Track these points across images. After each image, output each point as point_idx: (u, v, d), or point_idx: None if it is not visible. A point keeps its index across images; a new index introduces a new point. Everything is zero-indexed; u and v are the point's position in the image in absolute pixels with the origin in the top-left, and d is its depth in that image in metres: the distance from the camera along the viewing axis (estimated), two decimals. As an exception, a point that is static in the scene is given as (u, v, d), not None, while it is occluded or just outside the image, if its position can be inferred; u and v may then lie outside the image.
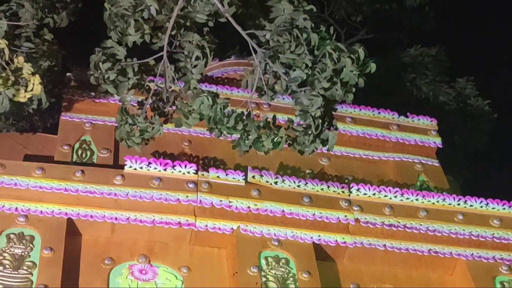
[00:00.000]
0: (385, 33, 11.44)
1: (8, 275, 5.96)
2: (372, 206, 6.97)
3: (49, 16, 6.84)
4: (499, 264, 6.87)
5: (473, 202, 7.14)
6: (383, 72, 8.42)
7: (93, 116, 7.48)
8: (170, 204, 6.65)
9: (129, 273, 6.41)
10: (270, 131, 5.90)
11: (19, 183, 6.51)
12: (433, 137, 8.12)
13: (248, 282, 6.28)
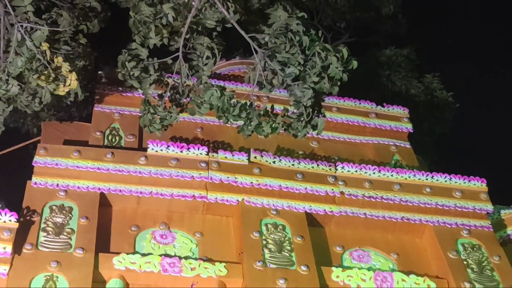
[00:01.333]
0: (365, 36, 11.43)
1: (51, 239, 5.96)
2: (354, 181, 6.94)
3: (83, 23, 6.82)
4: (460, 229, 6.85)
5: (439, 177, 7.11)
6: (363, 69, 8.35)
7: (120, 107, 7.46)
8: (186, 180, 6.63)
9: (152, 238, 6.40)
10: (269, 118, 5.90)
11: (59, 163, 6.49)
12: (405, 123, 8.10)
13: (252, 245, 6.27)
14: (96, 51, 7.13)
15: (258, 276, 6.02)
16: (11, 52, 5.75)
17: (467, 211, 6.99)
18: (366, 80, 10.26)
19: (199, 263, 6.09)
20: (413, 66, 11.43)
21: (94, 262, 5.88)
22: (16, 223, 5.81)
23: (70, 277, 5.69)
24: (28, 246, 5.85)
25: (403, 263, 6.68)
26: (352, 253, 6.70)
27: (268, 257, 6.20)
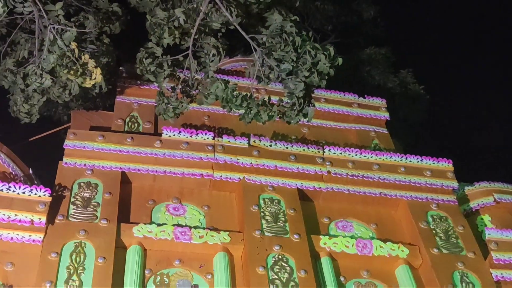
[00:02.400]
0: (348, 37, 11.40)
1: (80, 211, 5.97)
2: (339, 161, 6.92)
3: (106, 26, 6.83)
4: (430, 203, 6.87)
5: (411, 158, 7.11)
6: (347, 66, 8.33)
7: (139, 98, 7.43)
8: (195, 161, 6.61)
9: (166, 210, 6.40)
10: (266, 108, 5.91)
11: (86, 146, 6.47)
12: (383, 112, 8.08)
13: (251, 216, 6.27)
14: (117, 50, 7.12)
15: (257, 243, 6.02)
16: (45, 50, 5.73)
17: (435, 188, 6.99)
18: (349, 75, 10.26)
19: (206, 231, 6.09)
20: (390, 63, 11.44)
21: (117, 231, 5.88)
22: (49, 198, 5.80)
23: (96, 243, 5.70)
24: (60, 217, 5.85)
25: (381, 232, 6.69)
26: (337, 224, 6.69)
27: (265, 227, 6.20)
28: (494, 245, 6.42)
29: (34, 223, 5.67)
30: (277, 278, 5.76)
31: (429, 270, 6.23)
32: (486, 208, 7.24)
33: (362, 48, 11.39)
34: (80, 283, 5.38)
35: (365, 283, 6.19)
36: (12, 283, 5.38)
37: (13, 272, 5.48)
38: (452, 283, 6.09)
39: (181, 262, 5.94)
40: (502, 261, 6.36)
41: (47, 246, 5.60)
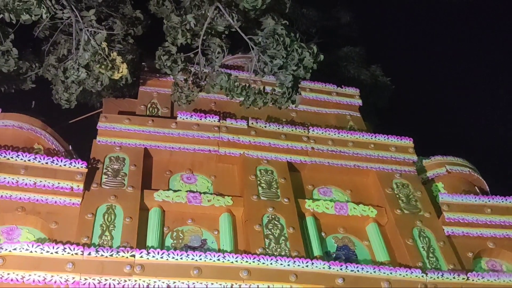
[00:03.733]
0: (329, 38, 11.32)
1: (110, 180, 5.98)
2: (321, 139, 6.92)
3: (131, 29, 6.81)
4: (395, 173, 6.87)
5: (380, 137, 7.10)
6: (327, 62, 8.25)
7: (158, 88, 7.38)
8: (204, 139, 6.61)
9: (180, 179, 6.42)
10: (262, 95, 5.92)
11: (115, 127, 6.47)
12: (357, 99, 8.05)
13: (249, 184, 6.29)
14: (140, 48, 7.09)
15: (255, 205, 6.06)
16: (81, 49, 5.71)
17: (399, 160, 6.99)
18: (329, 69, 10.20)
19: (213, 196, 6.11)
20: (363, 60, 11.38)
21: (140, 196, 5.90)
22: (85, 169, 5.81)
23: (124, 206, 5.72)
24: (94, 185, 5.87)
25: (355, 197, 6.70)
26: (319, 190, 6.71)
27: (261, 192, 6.22)
28: (446, 207, 6.46)
29: (73, 190, 5.69)
30: (270, 233, 5.79)
31: (393, 227, 6.26)
32: (439, 177, 7.27)
33: (340, 47, 11.31)
34: (111, 238, 5.41)
35: (341, 238, 6.23)
36: (56, 238, 5.41)
37: (57, 229, 5.50)
38: (412, 237, 6.12)
39: (193, 221, 5.96)
40: (452, 220, 6.40)
41: (84, 208, 5.63)
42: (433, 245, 6.09)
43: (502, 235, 6.46)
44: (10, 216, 5.53)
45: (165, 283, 5.05)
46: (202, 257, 5.25)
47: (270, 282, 5.22)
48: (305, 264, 5.39)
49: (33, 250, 4.99)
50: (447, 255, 6.00)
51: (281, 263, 5.35)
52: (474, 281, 5.70)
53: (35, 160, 5.71)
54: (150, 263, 5.13)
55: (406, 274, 5.56)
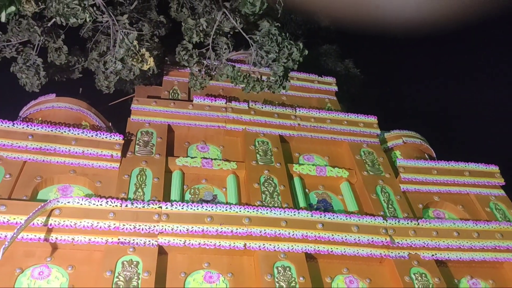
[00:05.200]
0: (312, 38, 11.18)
1: (142, 149, 5.95)
2: (305, 117, 6.88)
3: (156, 30, 6.70)
4: (362, 143, 6.85)
5: (352, 116, 7.06)
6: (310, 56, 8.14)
7: (178, 77, 7.30)
8: (214, 117, 6.56)
9: (196, 148, 6.38)
10: (259, 83, 5.87)
11: (145, 108, 6.41)
12: (333, 86, 7.97)
13: (250, 152, 6.27)
14: (163, 46, 6.99)
15: (254, 169, 6.06)
16: (117, 46, 5.65)
17: (366, 134, 6.96)
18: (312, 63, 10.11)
19: (222, 161, 6.11)
20: (338, 55, 11.27)
21: (165, 161, 5.89)
22: (122, 141, 5.80)
23: (152, 169, 5.73)
24: (129, 153, 5.86)
25: (332, 161, 6.70)
26: (304, 157, 6.69)
27: (259, 159, 6.21)
28: (402, 169, 6.48)
29: (113, 157, 5.70)
30: (266, 190, 5.81)
31: (361, 185, 6.29)
32: (397, 146, 7.26)
33: (320, 45, 11.21)
34: (143, 193, 5.43)
35: (321, 193, 6.25)
36: (100, 193, 5.43)
37: (101, 187, 5.52)
38: (376, 193, 6.15)
39: (206, 181, 5.97)
40: (407, 179, 6.43)
41: (121, 171, 5.64)
42: (392, 198, 6.13)
43: (445, 190, 6.51)
44: (65, 177, 5.55)
45: (185, 227, 5.10)
46: (214, 208, 5.29)
47: (266, 227, 5.28)
48: (293, 213, 5.45)
49: (83, 203, 5.03)
50: (403, 206, 6.06)
51: (275, 213, 5.40)
52: (423, 226, 5.77)
53: (83, 133, 5.71)
54: (174, 213, 5.18)
55: (371, 220, 5.63)
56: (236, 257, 5.20)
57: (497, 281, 5.70)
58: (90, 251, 4.93)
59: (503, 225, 6.00)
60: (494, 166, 6.84)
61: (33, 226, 4.79)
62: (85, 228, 4.89)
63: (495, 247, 5.79)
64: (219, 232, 5.14)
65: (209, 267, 5.07)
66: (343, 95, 9.52)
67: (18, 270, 4.68)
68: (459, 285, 5.57)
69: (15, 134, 5.55)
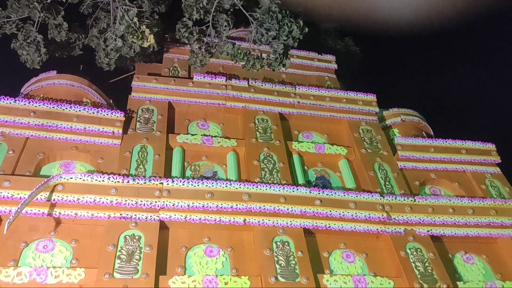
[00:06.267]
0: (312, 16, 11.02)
1: (143, 126, 5.98)
2: (305, 95, 6.84)
3: (156, 7, 6.60)
4: (361, 121, 6.84)
5: (351, 94, 7.04)
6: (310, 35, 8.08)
7: (178, 55, 7.21)
8: (214, 95, 6.52)
9: (196, 126, 6.36)
10: (259, 60, 5.83)
11: (145, 85, 6.37)
12: (333, 64, 7.90)
13: (249, 130, 6.26)
14: (164, 23, 6.90)
15: (253, 146, 6.07)
16: (117, 23, 5.59)
17: (365, 112, 6.94)
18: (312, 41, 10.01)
19: (222, 139, 6.11)
20: (338, 33, 11.16)
21: (166, 138, 5.89)
22: (123, 118, 5.79)
23: (153, 146, 5.73)
24: (130, 130, 5.86)
25: (331, 139, 6.70)
26: (303, 134, 6.69)
27: (258, 136, 6.20)
28: (400, 147, 6.50)
29: (114, 133, 5.70)
30: (265, 167, 5.83)
31: (359, 162, 6.31)
32: (395, 124, 7.27)
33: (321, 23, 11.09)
34: (144, 170, 5.46)
35: (319, 170, 6.28)
36: (102, 170, 5.46)
37: (102, 163, 5.54)
38: (373, 170, 6.19)
39: (206, 158, 5.99)
40: (404, 157, 6.44)
41: (123, 148, 5.65)
42: (389, 175, 6.16)
43: (442, 168, 6.55)
44: (67, 153, 5.57)
45: (186, 203, 5.15)
46: (214, 184, 5.32)
47: (266, 203, 5.32)
48: (292, 189, 5.48)
49: (85, 179, 5.06)
50: (400, 183, 6.09)
51: (274, 189, 5.43)
52: (419, 202, 5.82)
53: (84, 110, 5.70)
54: (175, 189, 5.21)
55: (368, 197, 5.67)
56: (236, 232, 5.26)
57: (490, 256, 5.78)
58: (93, 226, 4.98)
59: (498, 202, 6.05)
60: (491, 144, 6.86)
61: (36, 201, 4.83)
62: (87, 204, 4.93)
63: (489, 223, 5.85)
64: (219, 207, 5.18)
65: (210, 242, 5.14)
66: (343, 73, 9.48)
67: (23, 244, 4.74)
68: (453, 260, 5.65)
69: (17, 110, 5.54)
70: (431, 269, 5.22)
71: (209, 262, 4.97)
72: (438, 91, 11.74)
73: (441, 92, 11.67)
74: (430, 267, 5.24)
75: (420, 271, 5.18)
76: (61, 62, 6.80)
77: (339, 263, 5.27)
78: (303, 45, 7.20)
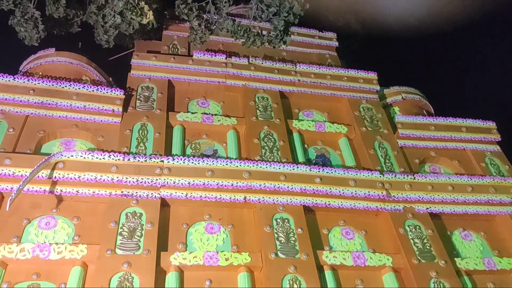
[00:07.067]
0: None
1: (142, 104, 5.91)
2: (306, 73, 6.80)
3: (156, -16, 6.50)
4: (362, 99, 6.82)
5: (351, 71, 6.98)
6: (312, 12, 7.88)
7: (178, 32, 7.12)
8: (214, 73, 6.47)
9: (196, 104, 6.33)
10: (260, 37, 5.78)
11: (145, 63, 6.31)
12: (334, 42, 7.80)
13: (250, 108, 6.24)
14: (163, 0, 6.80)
15: (254, 124, 6.05)
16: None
17: (365, 90, 6.91)
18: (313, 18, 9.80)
19: (222, 117, 6.09)
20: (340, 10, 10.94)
21: (166, 116, 5.87)
22: (123, 96, 5.77)
23: (153, 124, 5.71)
24: (130, 108, 5.83)
25: (331, 117, 6.68)
26: (304, 112, 6.66)
27: (258, 114, 6.19)
28: (400, 125, 6.49)
29: (114, 111, 5.68)
30: (266, 145, 5.83)
31: (359, 140, 6.31)
32: (396, 102, 7.24)
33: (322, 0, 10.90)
34: (145, 148, 5.45)
35: (319, 148, 6.28)
36: (102, 147, 5.46)
37: (103, 141, 5.54)
38: (373, 148, 6.18)
39: (207, 136, 5.98)
40: (405, 135, 6.44)
41: (123, 126, 5.64)
42: (389, 154, 6.17)
43: (442, 146, 6.54)
44: (67, 131, 5.56)
45: (187, 181, 5.16)
46: (214, 162, 5.33)
47: (266, 181, 5.34)
48: (292, 167, 5.49)
49: (86, 156, 5.06)
50: (400, 161, 6.10)
51: (274, 167, 5.44)
52: (419, 180, 5.84)
53: (84, 88, 5.67)
54: (175, 167, 5.22)
55: (368, 175, 5.68)
56: (236, 210, 5.29)
57: (488, 233, 5.83)
58: (94, 203, 5.01)
59: (497, 179, 6.06)
60: (491, 122, 6.84)
61: (38, 178, 4.84)
62: (88, 181, 4.95)
63: (488, 200, 5.88)
64: (219, 185, 5.20)
65: (210, 219, 5.17)
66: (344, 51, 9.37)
67: (26, 221, 4.78)
68: (451, 237, 5.69)
69: (16, 88, 5.51)
70: (429, 246, 5.26)
71: (210, 239, 5.01)
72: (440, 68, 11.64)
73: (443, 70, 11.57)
74: (429, 243, 5.28)
75: (419, 247, 5.23)
76: (59, 39, 6.72)
77: (339, 239, 5.31)
78: (304, 22, 7.09)
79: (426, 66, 11.70)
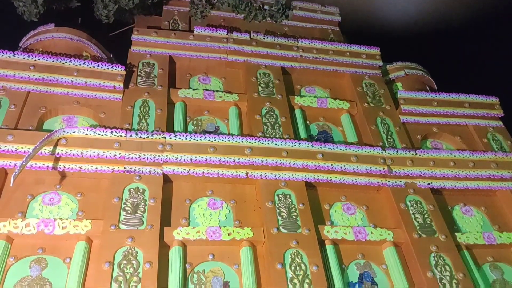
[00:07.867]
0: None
1: (144, 80, 5.98)
2: (308, 49, 6.74)
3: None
4: (364, 75, 6.75)
5: (354, 47, 6.93)
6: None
7: (178, 7, 7.05)
8: (215, 49, 6.42)
9: (198, 80, 6.29)
10: (261, 11, 5.69)
11: (146, 39, 6.26)
12: (337, 16, 7.73)
13: (251, 84, 6.20)
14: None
15: (255, 100, 6.02)
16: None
17: (368, 65, 6.86)
18: None
19: (224, 93, 6.07)
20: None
21: (168, 92, 5.85)
22: (124, 72, 5.73)
23: (155, 100, 5.70)
24: (131, 84, 5.81)
25: (332, 94, 6.65)
26: (306, 89, 6.63)
27: (260, 90, 6.15)
28: (403, 101, 6.45)
29: (115, 88, 5.66)
30: (268, 121, 5.83)
31: (362, 116, 6.29)
32: (399, 78, 7.20)
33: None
34: (147, 124, 5.45)
35: (321, 125, 6.27)
36: (104, 124, 5.45)
37: (105, 117, 5.54)
38: (375, 124, 6.17)
39: (208, 112, 5.96)
40: (407, 111, 6.41)
41: (125, 102, 5.62)
42: (391, 129, 6.16)
43: (444, 122, 6.53)
44: (69, 108, 5.55)
45: (189, 157, 5.18)
46: (216, 138, 5.33)
47: (268, 157, 5.35)
48: (294, 143, 5.49)
49: (88, 133, 5.06)
50: (402, 137, 6.10)
51: (276, 143, 5.44)
52: (421, 156, 5.84)
53: (85, 64, 5.62)
54: (177, 143, 5.22)
55: (370, 150, 5.68)
56: (238, 185, 5.32)
57: (488, 208, 5.86)
58: (97, 179, 5.03)
59: (499, 155, 6.06)
60: (494, 97, 6.80)
61: (41, 155, 4.86)
62: (91, 157, 4.96)
63: (489, 176, 5.89)
64: (222, 161, 5.22)
65: (213, 195, 5.20)
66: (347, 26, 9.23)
67: (30, 197, 4.81)
68: (452, 212, 5.73)
69: (16, 64, 5.47)
70: (430, 221, 5.30)
71: (213, 214, 5.06)
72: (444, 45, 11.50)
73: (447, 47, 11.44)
74: (429, 218, 5.32)
75: (419, 222, 5.27)
76: (59, 15, 6.63)
77: (340, 215, 5.36)
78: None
79: (429, 44, 11.56)
